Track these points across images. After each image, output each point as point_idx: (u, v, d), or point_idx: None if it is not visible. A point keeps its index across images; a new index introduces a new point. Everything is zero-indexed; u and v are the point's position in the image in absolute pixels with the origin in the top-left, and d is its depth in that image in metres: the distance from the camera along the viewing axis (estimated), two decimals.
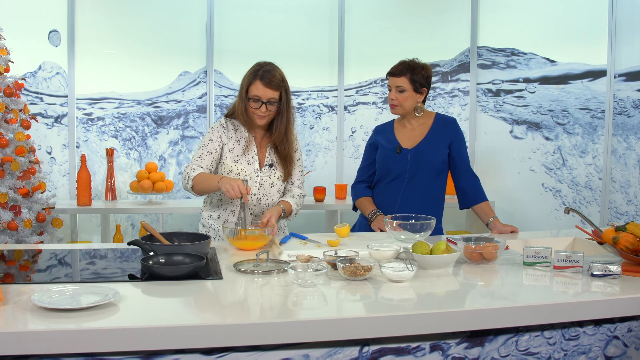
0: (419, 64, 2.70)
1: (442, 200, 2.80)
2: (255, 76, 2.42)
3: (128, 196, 4.19)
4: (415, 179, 2.70)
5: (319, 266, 1.80)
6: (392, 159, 2.73)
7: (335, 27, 4.60)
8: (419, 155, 2.70)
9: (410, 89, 2.67)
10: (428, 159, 2.69)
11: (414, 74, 2.65)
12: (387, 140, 2.79)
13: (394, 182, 2.73)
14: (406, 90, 2.67)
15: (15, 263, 2.05)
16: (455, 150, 2.73)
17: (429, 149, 2.70)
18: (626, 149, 3.56)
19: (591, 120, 3.76)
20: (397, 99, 2.69)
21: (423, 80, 2.68)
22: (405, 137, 2.76)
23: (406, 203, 2.69)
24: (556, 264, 1.94)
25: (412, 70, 2.66)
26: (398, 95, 2.69)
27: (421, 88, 2.69)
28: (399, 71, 2.68)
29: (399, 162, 2.71)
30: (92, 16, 4.13)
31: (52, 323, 1.36)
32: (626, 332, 1.72)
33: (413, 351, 1.54)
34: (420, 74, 2.67)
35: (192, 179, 2.40)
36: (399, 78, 2.67)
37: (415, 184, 2.70)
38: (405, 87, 2.66)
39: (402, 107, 2.70)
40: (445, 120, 2.77)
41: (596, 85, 3.73)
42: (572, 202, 3.88)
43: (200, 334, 1.37)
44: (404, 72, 2.66)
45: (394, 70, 2.71)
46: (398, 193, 2.72)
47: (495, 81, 4.33)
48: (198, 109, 4.38)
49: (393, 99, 2.71)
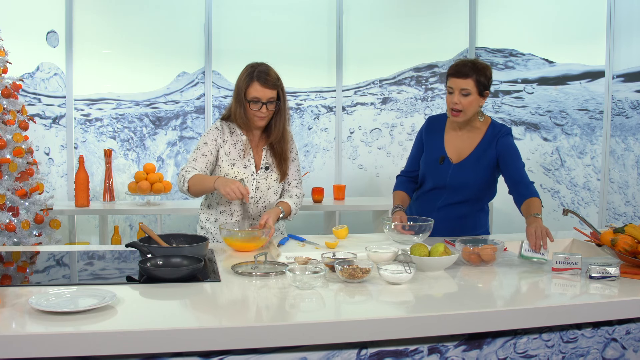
0: (483, 63, 2.44)
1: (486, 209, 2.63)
2: (251, 78, 2.42)
3: (126, 197, 4.19)
4: (456, 192, 2.52)
5: (317, 268, 1.80)
6: (434, 168, 2.54)
7: (334, 27, 4.59)
8: (461, 172, 2.51)
9: (476, 92, 2.40)
10: (470, 177, 2.50)
11: (479, 75, 2.39)
12: (433, 146, 2.58)
13: (433, 192, 2.57)
14: (471, 94, 2.40)
15: (13, 264, 2.05)
16: (505, 163, 2.49)
17: (473, 168, 2.50)
18: (624, 150, 3.56)
19: (589, 121, 3.76)
20: (461, 103, 2.41)
21: (487, 82, 2.42)
22: (453, 147, 2.55)
23: (444, 215, 2.51)
24: (554, 266, 1.94)
25: (478, 71, 2.39)
26: (462, 100, 2.41)
27: (485, 91, 2.44)
28: (465, 72, 2.39)
29: (439, 173, 2.53)
30: (90, 17, 4.12)
31: (49, 326, 1.36)
32: (624, 335, 1.72)
33: (411, 354, 1.54)
34: (485, 75, 2.41)
35: (187, 181, 2.40)
36: (464, 80, 2.39)
37: (457, 195, 2.52)
38: (471, 90, 2.39)
39: (465, 113, 2.44)
40: (496, 132, 2.53)
41: (594, 86, 3.73)
42: (571, 203, 3.89)
43: (198, 336, 1.37)
44: (470, 74, 2.39)
45: (458, 70, 2.41)
46: (435, 204, 2.55)
47: (494, 82, 4.32)
48: (196, 109, 4.37)
49: (457, 103, 2.42)
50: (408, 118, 4.56)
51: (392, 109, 4.58)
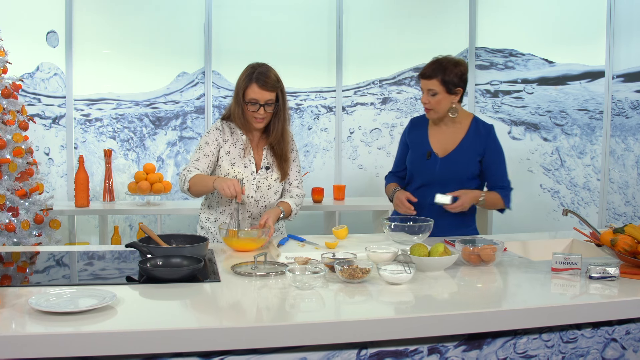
0: (452, 61, 2.50)
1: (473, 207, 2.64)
2: (250, 79, 2.42)
3: (126, 197, 4.19)
4: (445, 185, 2.54)
5: (316, 268, 1.80)
6: (421, 164, 2.60)
7: (334, 27, 4.59)
8: (449, 164, 2.56)
9: (443, 91, 2.49)
10: (458, 169, 2.56)
11: (445, 74, 2.46)
12: (418, 143, 2.64)
13: (422, 189, 2.60)
14: (438, 93, 2.50)
15: (12, 264, 2.05)
16: (487, 162, 2.57)
17: (460, 160, 2.56)
18: (624, 150, 3.56)
19: (589, 121, 3.76)
20: (430, 102, 2.53)
21: (457, 79, 2.48)
22: (437, 141, 2.62)
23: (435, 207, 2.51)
24: (554, 266, 1.94)
25: (444, 70, 2.47)
26: (431, 99, 2.52)
27: (455, 88, 2.50)
28: (430, 73, 2.50)
29: (427, 168, 2.58)
30: (90, 17, 4.12)
31: (49, 326, 1.36)
32: (624, 335, 1.72)
33: (411, 354, 1.54)
34: (453, 73, 2.47)
35: (188, 181, 2.41)
36: (429, 81, 2.50)
37: (446, 189, 2.51)
38: (437, 90, 2.49)
39: (436, 111, 2.54)
40: (481, 126, 2.60)
41: (594, 86, 3.73)
42: (571, 203, 3.89)
43: (198, 337, 1.37)
44: (436, 74, 2.48)
45: (425, 71, 2.52)
46: (427, 198, 2.55)
47: (494, 82, 4.33)
48: (196, 109, 4.37)
49: (426, 102, 2.54)
50: (408, 118, 4.52)
51: (392, 109, 4.58)
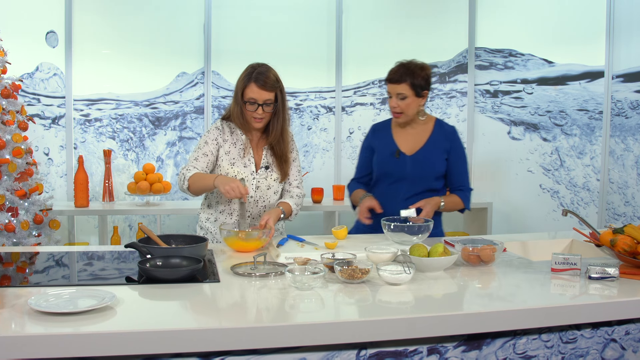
0: (418, 65, 2.56)
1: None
2: (249, 79, 2.42)
3: (125, 197, 4.18)
4: (416, 183, 2.62)
5: (316, 269, 1.80)
6: (391, 163, 2.65)
7: (333, 27, 4.59)
8: (418, 162, 2.62)
9: (412, 94, 2.55)
10: (427, 166, 2.62)
11: (414, 78, 2.52)
12: (384, 144, 2.69)
13: (395, 184, 2.65)
14: (408, 97, 2.55)
15: (12, 265, 2.05)
16: (450, 162, 2.65)
17: (428, 158, 2.62)
18: (624, 150, 3.56)
19: (589, 121, 3.76)
20: (399, 106, 2.57)
21: (424, 82, 2.55)
22: (404, 141, 2.67)
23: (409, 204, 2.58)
24: (554, 267, 1.94)
25: (412, 74, 2.52)
26: (400, 103, 2.56)
27: (422, 91, 2.57)
28: (399, 77, 2.54)
29: (398, 166, 2.63)
30: (89, 17, 4.12)
31: (49, 327, 1.36)
32: (624, 335, 1.72)
33: (410, 355, 1.53)
34: (421, 77, 2.54)
35: (187, 180, 2.41)
36: (399, 85, 2.54)
37: (417, 186, 2.62)
38: (407, 94, 2.54)
39: (406, 114, 2.59)
40: (445, 128, 2.68)
41: (594, 87, 3.73)
42: (570, 203, 3.89)
43: (197, 337, 1.37)
44: (403, 78, 2.53)
45: (393, 76, 2.56)
46: (399, 194, 2.63)
47: (493, 82, 4.33)
48: (196, 110, 4.37)
49: (395, 106, 2.58)
50: None
51: None
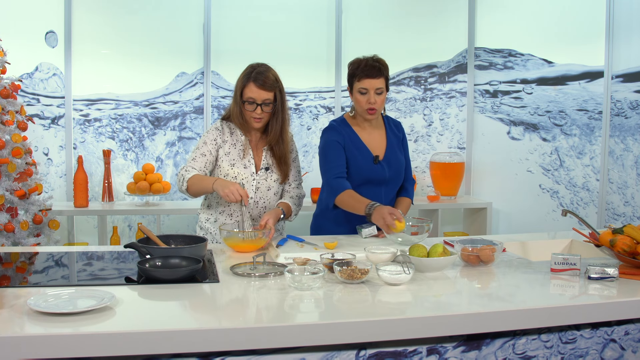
0: (381, 60, 2.47)
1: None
2: (248, 78, 2.42)
3: (125, 197, 4.18)
4: (392, 185, 2.62)
5: (315, 269, 1.80)
6: (371, 170, 2.54)
7: (333, 27, 4.59)
8: (392, 165, 2.59)
9: (385, 89, 2.47)
10: (400, 167, 2.61)
11: (387, 72, 2.46)
12: (355, 147, 2.54)
13: (376, 189, 2.58)
14: (384, 92, 2.45)
15: (11, 265, 2.05)
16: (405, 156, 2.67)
17: (397, 158, 2.61)
18: (623, 150, 3.56)
19: (588, 121, 3.76)
20: (376, 102, 2.43)
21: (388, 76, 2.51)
22: (369, 143, 2.57)
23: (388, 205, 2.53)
24: (553, 267, 1.94)
25: (386, 68, 2.46)
26: (377, 99, 2.43)
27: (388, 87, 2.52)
28: (376, 72, 2.41)
29: (378, 173, 2.55)
30: (89, 17, 4.11)
31: (48, 327, 1.36)
32: (623, 335, 1.72)
33: (410, 355, 1.54)
34: (388, 71, 2.48)
35: (186, 181, 2.41)
36: (377, 79, 2.41)
37: (393, 188, 2.63)
38: (384, 89, 2.45)
39: (379, 111, 2.52)
40: (394, 122, 2.68)
41: (593, 87, 3.73)
42: (570, 204, 3.89)
43: (197, 337, 1.37)
44: (381, 73, 2.42)
45: (371, 71, 2.41)
46: (380, 196, 2.57)
47: (493, 82, 4.33)
48: (195, 110, 4.37)
49: (373, 102, 2.43)
50: (407, 118, 4.56)
51: (391, 109, 4.58)
